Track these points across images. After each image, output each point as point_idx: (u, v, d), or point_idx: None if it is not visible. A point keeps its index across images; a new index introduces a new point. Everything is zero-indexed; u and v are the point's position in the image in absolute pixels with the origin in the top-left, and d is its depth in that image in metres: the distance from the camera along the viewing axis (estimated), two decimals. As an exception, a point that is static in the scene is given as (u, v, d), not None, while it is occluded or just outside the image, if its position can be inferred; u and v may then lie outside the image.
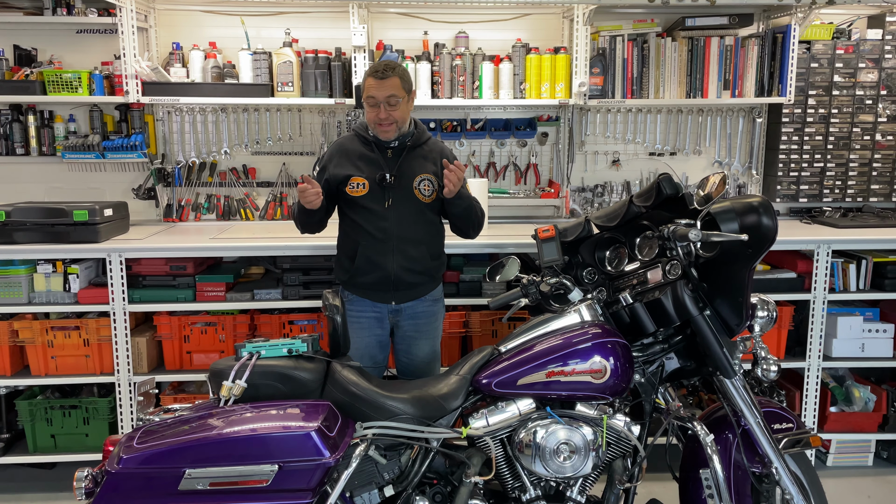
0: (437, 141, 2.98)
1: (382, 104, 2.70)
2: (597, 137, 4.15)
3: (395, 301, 2.82)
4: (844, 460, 3.69)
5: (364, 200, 2.77)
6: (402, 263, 2.76)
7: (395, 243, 2.76)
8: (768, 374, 2.33)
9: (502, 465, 2.26)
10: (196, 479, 1.91)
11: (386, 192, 2.77)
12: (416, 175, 2.80)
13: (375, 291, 2.80)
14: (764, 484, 2.35)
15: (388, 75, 2.70)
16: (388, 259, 2.75)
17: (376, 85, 2.70)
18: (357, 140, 2.87)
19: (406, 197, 2.78)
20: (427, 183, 2.81)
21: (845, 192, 4.11)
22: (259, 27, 3.93)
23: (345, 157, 2.83)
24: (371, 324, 2.83)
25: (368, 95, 2.71)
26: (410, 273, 2.78)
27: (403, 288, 2.80)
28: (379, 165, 2.79)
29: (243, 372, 2.16)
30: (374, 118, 2.74)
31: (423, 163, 2.83)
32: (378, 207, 2.77)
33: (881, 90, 4.00)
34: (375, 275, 2.77)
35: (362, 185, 2.77)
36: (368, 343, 2.83)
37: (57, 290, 3.37)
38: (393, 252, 2.76)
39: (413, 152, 2.83)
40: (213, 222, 4.01)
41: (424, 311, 2.87)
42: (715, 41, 3.85)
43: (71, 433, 3.46)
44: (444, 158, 2.77)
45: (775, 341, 3.51)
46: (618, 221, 2.51)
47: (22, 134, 3.88)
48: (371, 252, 2.76)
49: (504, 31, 4.02)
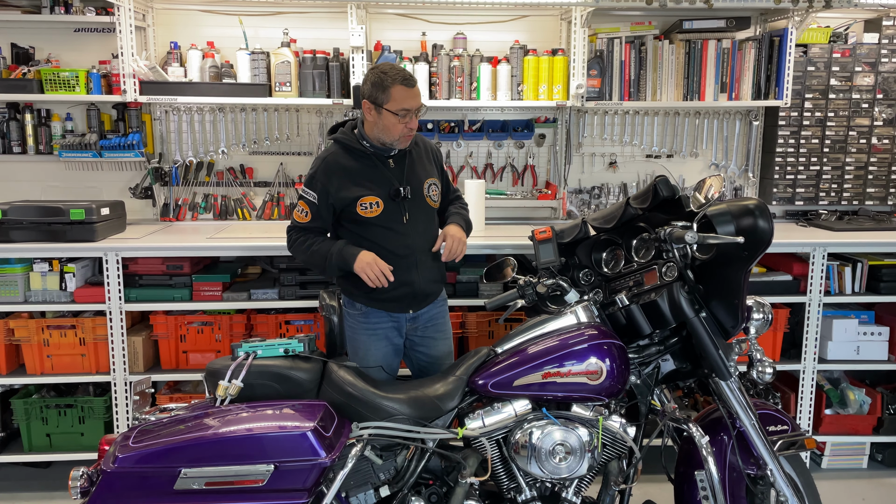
0: (418, 136, 2.81)
1: (413, 115, 2.54)
2: (594, 139, 4.15)
3: (414, 309, 2.72)
4: (839, 463, 3.70)
5: (379, 220, 2.60)
6: (426, 275, 2.68)
7: (417, 257, 2.65)
8: (763, 377, 2.34)
9: (498, 466, 2.26)
10: (192, 478, 1.91)
11: (402, 207, 2.62)
12: (423, 181, 2.69)
13: (394, 303, 2.68)
14: (759, 486, 2.35)
15: (416, 83, 2.55)
16: (413, 274, 2.64)
17: (410, 94, 2.51)
18: (347, 154, 2.63)
19: (420, 207, 2.67)
20: (433, 187, 2.72)
21: (841, 196, 4.12)
22: (257, 27, 3.93)
23: (344, 176, 2.60)
24: (389, 333, 2.72)
25: (401, 107, 2.49)
26: (433, 283, 2.72)
27: (424, 297, 2.72)
28: (387, 179, 2.61)
29: (239, 372, 2.16)
30: (402, 130, 2.54)
31: (424, 165, 2.73)
32: (396, 224, 2.61)
33: (877, 94, 4.02)
34: (401, 291, 2.64)
35: (375, 204, 2.58)
36: (386, 353, 2.72)
37: (53, 288, 3.37)
38: (416, 266, 2.65)
39: (411, 156, 2.70)
40: (210, 222, 4.01)
41: (438, 311, 2.81)
42: (712, 44, 3.86)
43: (66, 432, 3.45)
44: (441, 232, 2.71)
45: (771, 343, 3.52)
46: (614, 223, 2.52)
47: (19, 132, 3.87)
48: (396, 272, 2.59)
49: (502, 32, 4.03)
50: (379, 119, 2.54)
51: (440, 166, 2.85)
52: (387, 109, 2.50)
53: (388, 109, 2.50)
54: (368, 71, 2.61)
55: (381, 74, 2.52)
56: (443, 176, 2.86)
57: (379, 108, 2.52)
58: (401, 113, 2.50)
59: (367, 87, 2.55)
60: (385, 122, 2.53)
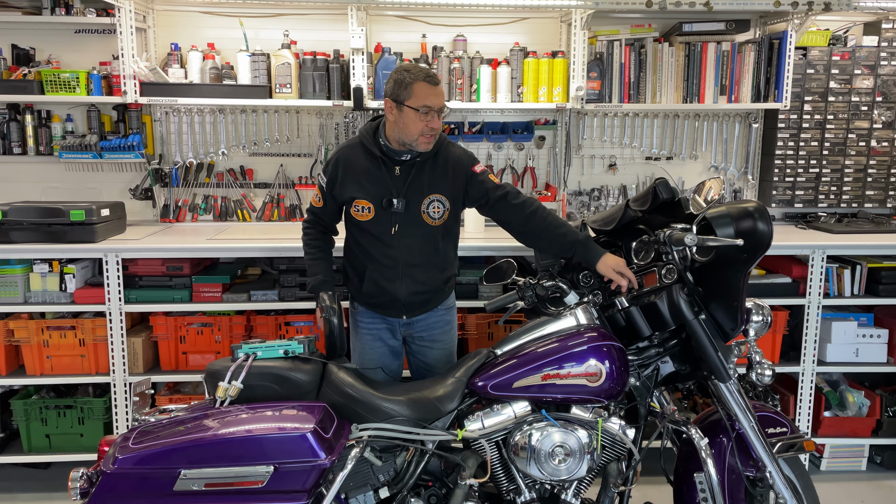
0: (450, 146, 2.68)
1: (436, 114, 2.49)
2: (594, 141, 4.16)
3: (407, 316, 2.70)
4: (838, 465, 3.70)
5: (369, 226, 2.60)
6: (411, 288, 2.63)
7: (402, 269, 2.61)
8: (763, 379, 2.34)
9: (497, 468, 2.26)
10: (191, 479, 1.91)
11: (392, 218, 2.58)
12: (425, 197, 2.59)
13: (386, 309, 2.69)
14: (758, 488, 2.36)
15: (439, 82, 2.50)
16: (395, 285, 2.62)
17: (433, 92, 2.47)
18: (362, 151, 2.61)
19: (413, 222, 2.59)
20: (436, 205, 2.60)
21: (840, 198, 4.13)
22: (257, 28, 3.93)
23: (350, 172, 2.60)
24: (384, 335, 2.73)
25: (423, 104, 2.44)
26: (420, 295, 2.66)
27: (413, 307, 2.69)
28: (385, 186, 2.57)
29: (239, 373, 2.16)
30: (422, 129, 2.48)
31: (432, 180, 2.60)
32: (384, 234, 2.59)
33: (877, 97, 4.02)
34: (384, 298, 2.65)
35: (367, 209, 2.58)
36: (382, 353, 2.73)
37: (53, 289, 3.37)
38: (401, 278, 2.61)
39: (423, 168, 2.59)
40: (210, 223, 4.01)
41: (438, 320, 2.76)
42: (712, 46, 3.86)
43: (66, 433, 3.45)
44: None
45: (770, 346, 3.53)
46: (614, 225, 2.52)
47: (19, 133, 3.87)
48: (378, 277, 2.62)
49: (502, 34, 4.03)
50: (400, 117, 2.49)
51: (468, 180, 2.63)
52: (408, 106, 2.46)
53: (410, 106, 2.45)
54: (392, 71, 2.57)
55: (404, 72, 2.49)
56: (474, 187, 2.62)
57: (400, 106, 2.48)
58: (422, 110, 2.45)
59: (389, 84, 2.52)
60: (406, 119, 2.48)
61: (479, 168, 2.65)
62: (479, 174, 2.64)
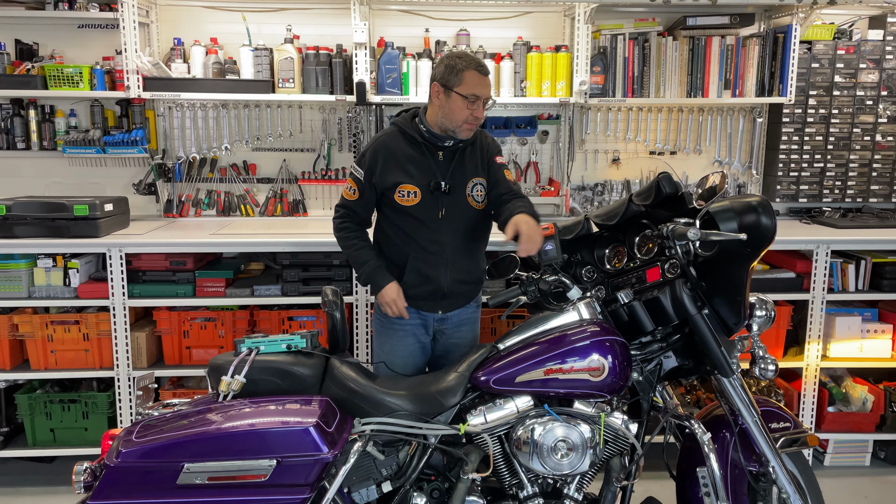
0: (484, 133, 2.77)
1: (482, 104, 2.51)
2: (597, 136, 4.15)
3: (443, 310, 2.70)
4: (842, 460, 3.70)
5: (415, 210, 2.59)
6: (455, 276, 2.64)
7: (448, 256, 2.61)
8: (766, 374, 2.33)
9: (500, 462, 2.26)
10: (195, 473, 1.92)
11: (439, 201, 2.59)
12: (469, 180, 2.63)
13: (423, 301, 2.67)
14: (761, 483, 2.35)
15: (489, 72, 2.54)
16: (440, 272, 2.61)
17: (482, 82, 2.51)
18: (402, 138, 2.63)
19: (459, 205, 2.62)
20: (479, 188, 2.65)
21: (845, 193, 4.11)
22: (260, 23, 3.93)
23: (391, 159, 2.59)
24: (416, 330, 2.71)
25: (471, 92, 2.48)
26: (462, 284, 2.68)
27: (452, 298, 2.69)
28: (431, 170, 2.59)
29: (242, 367, 2.16)
30: (467, 116, 2.51)
31: (473, 164, 2.66)
32: (430, 218, 2.59)
33: (882, 91, 4.00)
34: (426, 288, 2.64)
35: (413, 193, 2.57)
36: (413, 350, 2.72)
37: (57, 284, 3.38)
38: (446, 265, 2.61)
39: (464, 153, 2.65)
40: (214, 218, 4.01)
41: (469, 317, 2.78)
42: (716, 41, 3.85)
43: (70, 427, 3.46)
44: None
45: (773, 340, 3.52)
46: (617, 220, 2.52)
47: (23, 128, 3.88)
48: (422, 265, 2.61)
49: (505, 29, 4.02)
50: (447, 102, 2.52)
51: (489, 164, 2.70)
52: (457, 92, 2.49)
53: (458, 93, 2.48)
54: (442, 56, 2.61)
55: (456, 59, 2.52)
56: (491, 174, 2.70)
57: (448, 91, 2.50)
58: (470, 97, 2.48)
59: (439, 69, 2.55)
60: (452, 105, 2.51)
61: (500, 159, 2.72)
62: (499, 165, 2.70)
